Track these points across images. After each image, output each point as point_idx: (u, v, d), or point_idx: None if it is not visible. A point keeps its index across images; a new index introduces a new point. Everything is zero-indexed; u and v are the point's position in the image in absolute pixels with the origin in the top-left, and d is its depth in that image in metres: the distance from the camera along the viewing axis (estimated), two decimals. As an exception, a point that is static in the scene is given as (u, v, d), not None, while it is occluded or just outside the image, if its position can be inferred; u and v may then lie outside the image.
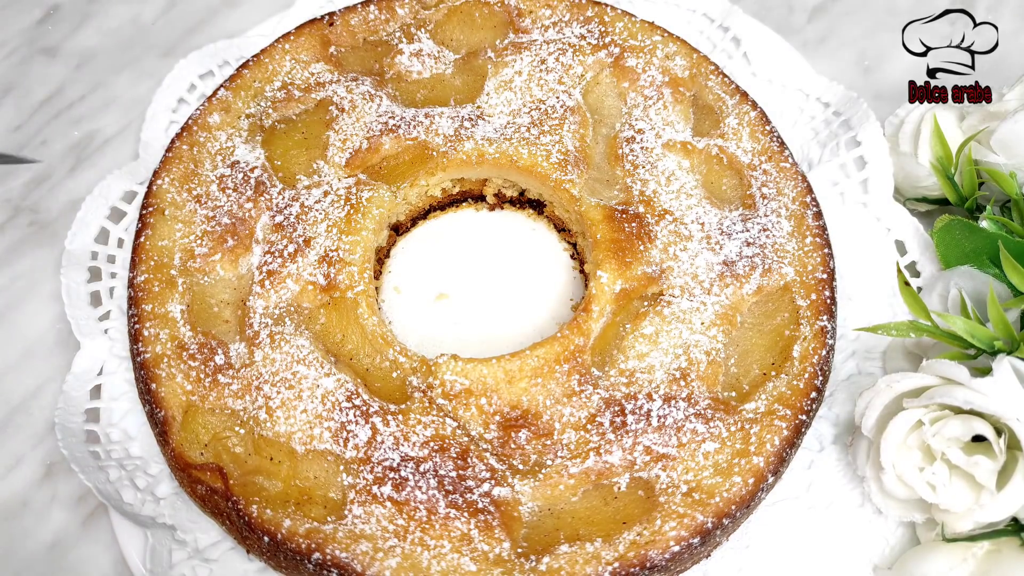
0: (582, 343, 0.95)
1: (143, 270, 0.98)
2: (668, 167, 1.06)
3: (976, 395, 0.82)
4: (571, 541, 0.85)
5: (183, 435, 0.91)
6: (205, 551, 0.91)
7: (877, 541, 0.93)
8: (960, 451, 0.83)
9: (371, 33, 1.16)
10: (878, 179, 1.08)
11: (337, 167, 1.05)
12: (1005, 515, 0.82)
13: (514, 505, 0.87)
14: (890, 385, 0.88)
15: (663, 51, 1.13)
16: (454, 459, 0.88)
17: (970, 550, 0.85)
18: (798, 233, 1.02)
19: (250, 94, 1.10)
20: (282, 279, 0.97)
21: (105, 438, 0.97)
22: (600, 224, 1.01)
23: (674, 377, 0.93)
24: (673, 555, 0.84)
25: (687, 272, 0.99)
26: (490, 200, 1.15)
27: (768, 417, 0.91)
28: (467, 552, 0.84)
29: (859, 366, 1.02)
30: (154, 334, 0.95)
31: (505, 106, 1.09)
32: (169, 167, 1.05)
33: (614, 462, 0.89)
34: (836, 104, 1.14)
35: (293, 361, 0.93)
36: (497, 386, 0.92)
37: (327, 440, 0.89)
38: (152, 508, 0.92)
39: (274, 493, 0.87)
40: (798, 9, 1.36)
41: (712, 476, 0.88)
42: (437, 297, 1.09)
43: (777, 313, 0.98)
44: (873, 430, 0.89)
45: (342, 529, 0.84)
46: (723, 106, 1.11)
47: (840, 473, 0.96)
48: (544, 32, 1.15)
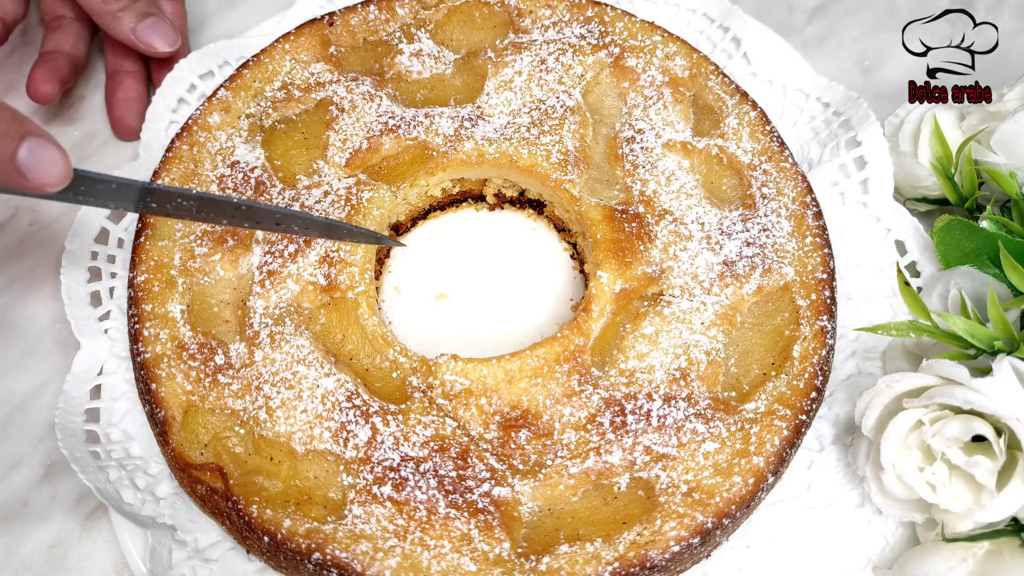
0: (582, 343, 0.95)
1: (143, 270, 0.98)
2: (668, 167, 1.06)
3: (976, 395, 0.82)
4: (571, 541, 0.85)
5: (183, 435, 0.91)
6: (205, 551, 0.91)
7: (877, 541, 0.93)
8: (960, 451, 0.83)
9: (371, 33, 1.16)
10: (878, 179, 1.08)
11: (337, 167, 1.05)
12: (1005, 515, 0.82)
13: (514, 505, 0.87)
14: (890, 385, 0.88)
15: (663, 51, 1.13)
16: (454, 459, 0.88)
17: (970, 550, 0.85)
18: (798, 233, 1.02)
19: (250, 94, 1.10)
20: (282, 279, 0.97)
21: (105, 438, 0.97)
22: (600, 224, 1.01)
23: (674, 377, 0.93)
24: (673, 555, 0.84)
25: (687, 272, 0.99)
26: (490, 200, 1.15)
27: (768, 417, 0.91)
28: (467, 552, 0.84)
29: (859, 366, 1.02)
30: (154, 334, 0.95)
31: (505, 106, 1.09)
32: (169, 167, 1.05)
33: (614, 462, 0.89)
34: (836, 104, 1.14)
35: (293, 361, 0.93)
36: (497, 386, 0.92)
37: (327, 440, 0.89)
38: (152, 508, 0.92)
39: (274, 493, 0.87)
40: (798, 9, 1.36)
41: (712, 476, 0.88)
42: (437, 297, 1.09)
43: (777, 313, 0.98)
44: (873, 430, 0.89)
45: (342, 529, 0.84)
46: (723, 106, 1.11)
47: (840, 473, 0.96)
48: (544, 32, 1.15)
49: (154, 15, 1.11)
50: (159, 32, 1.10)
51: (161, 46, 1.11)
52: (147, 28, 1.10)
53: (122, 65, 1.15)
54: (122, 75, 1.15)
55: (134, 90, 1.15)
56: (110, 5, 1.08)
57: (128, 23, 1.09)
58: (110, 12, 1.08)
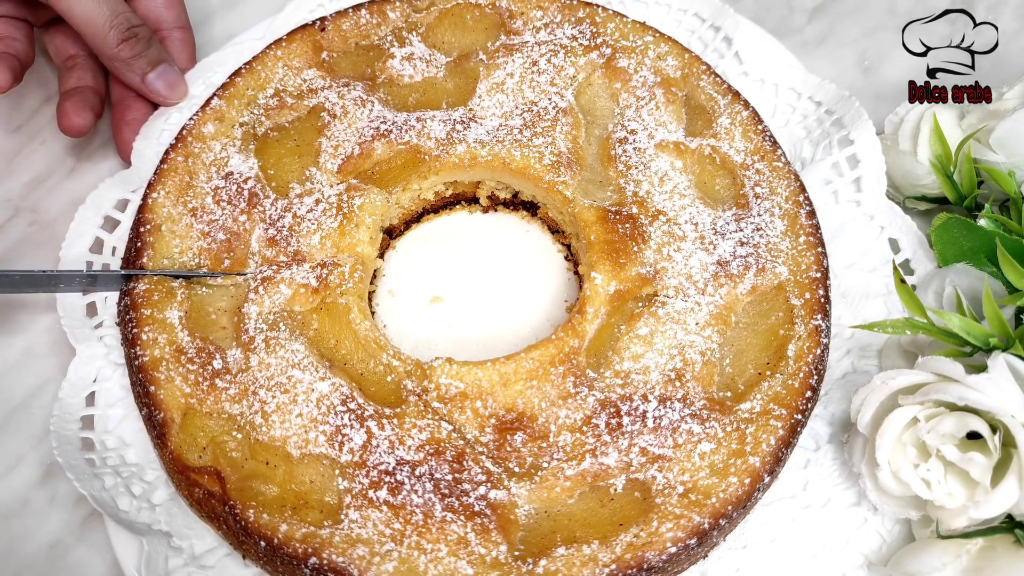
0: (577, 345, 0.95)
1: (144, 281, 0.98)
2: (661, 167, 1.06)
3: (971, 392, 0.82)
4: (568, 543, 0.85)
5: (182, 437, 0.91)
6: (201, 557, 0.91)
7: (873, 539, 0.93)
8: (955, 448, 0.83)
9: (363, 38, 1.16)
10: (871, 177, 1.08)
11: (330, 174, 1.05)
12: (999, 512, 0.82)
13: (510, 508, 0.87)
14: (885, 382, 0.88)
15: (655, 51, 1.13)
16: (450, 462, 0.88)
17: (964, 547, 0.85)
18: (791, 232, 1.02)
19: (243, 102, 1.10)
20: (275, 284, 0.97)
21: (101, 445, 0.97)
22: (593, 225, 1.01)
23: (669, 378, 0.93)
24: (670, 556, 0.84)
25: (681, 272, 0.99)
26: (483, 202, 1.15)
27: (763, 417, 0.91)
28: (464, 556, 0.84)
29: (855, 364, 1.02)
30: (152, 338, 0.95)
31: (497, 108, 1.09)
32: (164, 179, 1.04)
33: (610, 464, 0.89)
34: (828, 103, 1.14)
35: (288, 366, 0.93)
36: (492, 389, 0.92)
37: (322, 444, 0.89)
38: (148, 515, 0.92)
39: (270, 497, 0.87)
40: (798, 9, 1.36)
41: (708, 477, 0.88)
42: (431, 300, 1.09)
43: (771, 312, 0.98)
44: (869, 427, 0.89)
45: (338, 533, 0.84)
46: (715, 106, 1.11)
47: (836, 471, 0.96)
48: (536, 34, 1.15)
49: (164, 62, 1.13)
50: (169, 82, 1.13)
51: (170, 96, 1.14)
52: (157, 78, 1.12)
53: (128, 92, 1.16)
54: (129, 99, 1.16)
55: (141, 112, 1.16)
56: (123, 52, 1.08)
57: (139, 71, 1.11)
58: (122, 59, 1.09)
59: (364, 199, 1.03)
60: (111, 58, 1.10)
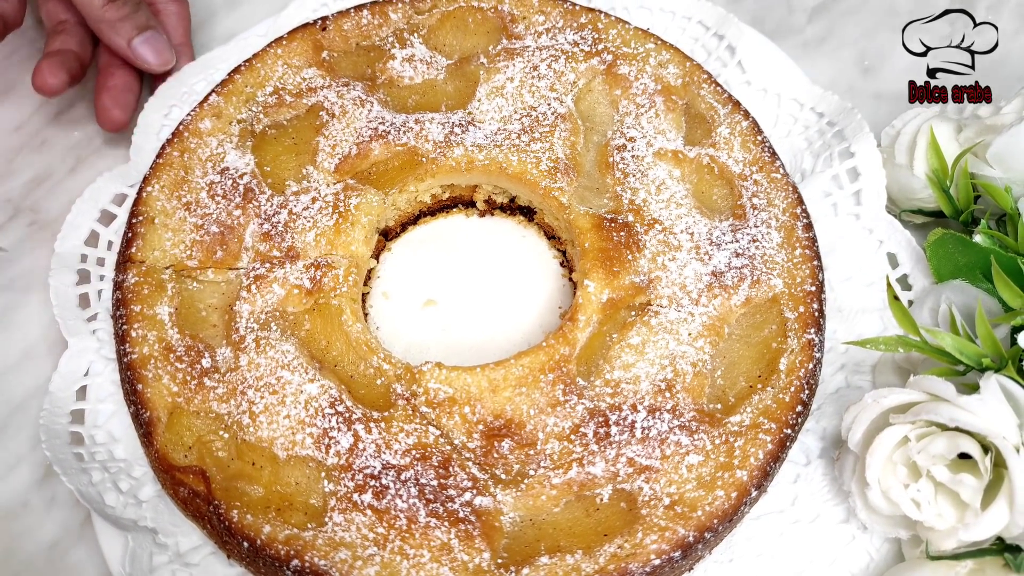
0: (567, 352, 0.94)
1: (133, 274, 0.98)
2: (659, 176, 1.05)
3: (963, 413, 0.81)
4: (552, 553, 0.84)
5: (167, 436, 0.91)
6: (186, 555, 0.91)
7: (861, 557, 0.92)
8: (946, 468, 0.83)
9: (364, 38, 1.16)
10: (871, 191, 1.07)
11: (327, 173, 1.05)
12: (989, 534, 0.81)
13: (495, 515, 0.87)
14: (877, 400, 0.87)
15: (656, 59, 1.12)
16: (436, 468, 0.88)
17: (953, 568, 0.84)
18: (788, 244, 1.01)
19: (241, 99, 1.10)
20: (268, 283, 0.97)
21: (90, 440, 0.97)
22: (588, 232, 1.01)
23: (659, 388, 0.92)
24: (654, 569, 0.83)
25: (675, 282, 0.98)
26: (480, 206, 1.15)
27: (753, 430, 0.90)
28: (447, 562, 0.84)
29: (848, 379, 1.01)
30: (141, 335, 0.95)
31: (496, 112, 1.09)
32: (159, 174, 1.04)
33: (597, 473, 0.88)
34: (830, 114, 1.13)
35: (277, 366, 0.93)
36: (481, 395, 0.92)
37: (309, 446, 0.89)
38: (134, 511, 0.92)
39: (255, 498, 0.87)
40: (798, 9, 1.35)
41: (695, 489, 0.87)
42: (425, 303, 1.09)
43: (765, 325, 0.97)
44: (859, 445, 0.88)
45: (322, 536, 0.84)
46: (715, 115, 1.10)
47: (826, 488, 0.95)
48: (537, 38, 1.14)
49: (152, 28, 1.10)
50: (155, 48, 1.10)
51: (155, 63, 1.12)
52: (143, 43, 1.10)
53: (114, 59, 1.15)
54: (114, 67, 1.14)
55: (122, 80, 1.13)
56: (108, 13, 1.07)
57: (125, 34, 1.09)
58: (108, 21, 1.08)
59: (361, 199, 1.03)
60: (97, 20, 1.08)
